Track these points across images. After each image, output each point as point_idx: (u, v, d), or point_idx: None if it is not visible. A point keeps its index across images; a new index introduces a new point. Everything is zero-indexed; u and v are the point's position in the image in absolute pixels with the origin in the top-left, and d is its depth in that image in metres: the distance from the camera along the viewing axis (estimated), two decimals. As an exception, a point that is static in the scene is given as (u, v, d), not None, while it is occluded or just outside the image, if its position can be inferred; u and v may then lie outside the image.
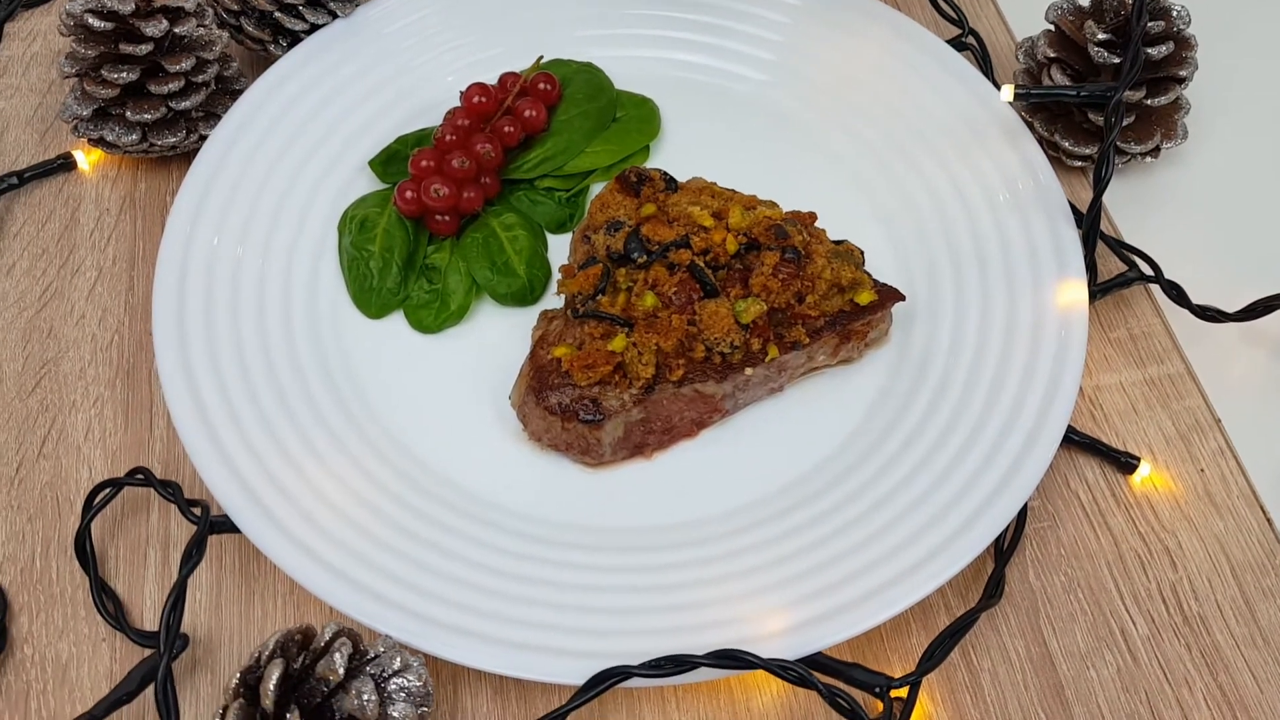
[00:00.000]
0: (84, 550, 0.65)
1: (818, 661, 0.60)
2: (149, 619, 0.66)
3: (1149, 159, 0.81)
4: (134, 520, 0.69)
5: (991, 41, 0.91)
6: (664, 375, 0.67)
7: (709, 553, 0.64)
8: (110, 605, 0.65)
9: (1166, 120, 0.81)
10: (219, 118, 0.80)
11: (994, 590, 0.64)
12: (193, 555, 0.61)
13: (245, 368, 0.69)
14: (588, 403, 0.66)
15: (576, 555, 0.64)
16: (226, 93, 0.82)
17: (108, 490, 0.65)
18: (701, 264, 0.68)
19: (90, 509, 0.65)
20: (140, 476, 0.65)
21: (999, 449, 0.66)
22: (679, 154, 0.82)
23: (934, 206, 0.78)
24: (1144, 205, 0.82)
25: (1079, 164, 0.82)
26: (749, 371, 0.68)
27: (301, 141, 0.79)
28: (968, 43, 0.86)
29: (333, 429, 0.68)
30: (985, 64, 0.85)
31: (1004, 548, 0.66)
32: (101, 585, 0.65)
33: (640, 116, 0.82)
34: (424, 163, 0.76)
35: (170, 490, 0.64)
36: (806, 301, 0.69)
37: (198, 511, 0.63)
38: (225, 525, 0.64)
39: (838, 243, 0.72)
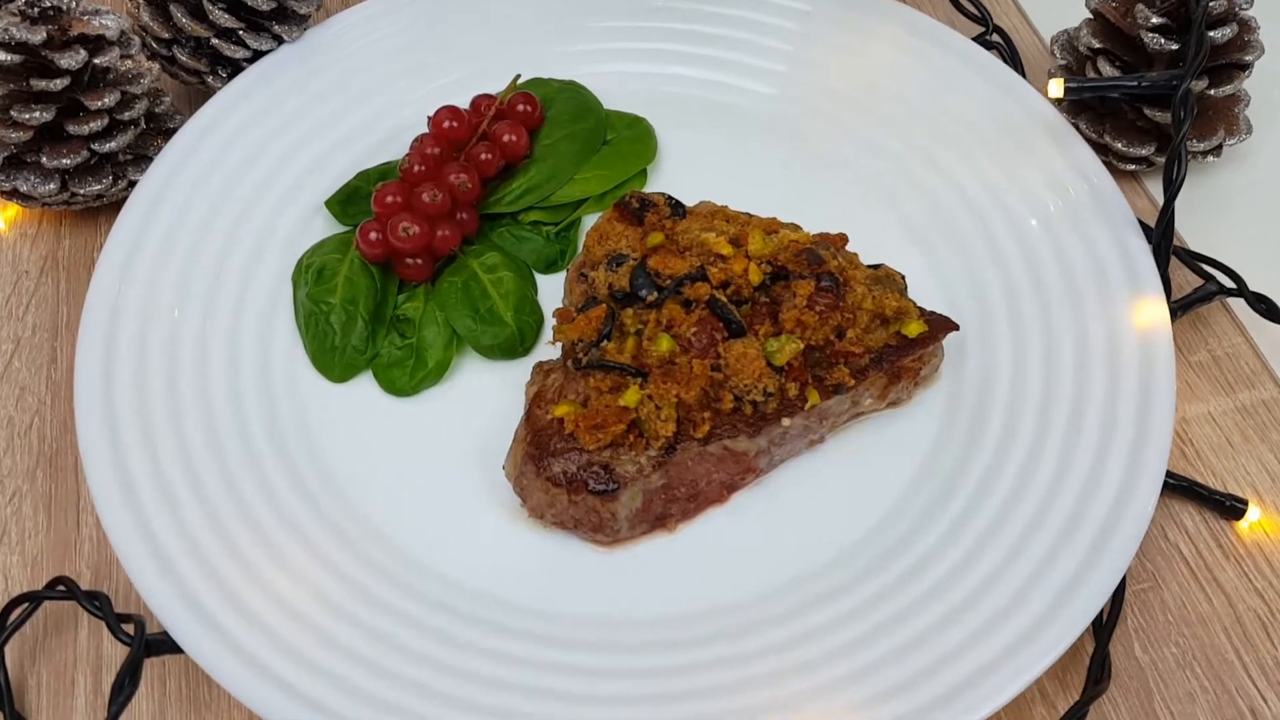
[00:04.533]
0: (-4, 680, 0.56)
1: (899, 778, 0.50)
2: (77, 763, 0.56)
3: (1210, 158, 0.73)
4: (59, 640, 0.61)
5: (1015, 39, 0.82)
6: (687, 432, 0.59)
7: (751, 647, 0.56)
8: (29, 747, 0.55)
9: (1227, 114, 0.73)
10: (150, 160, 0.73)
11: (1099, 674, 0.55)
12: (125, 686, 0.54)
13: (186, 451, 0.62)
14: (598, 470, 0.58)
15: (591, 658, 0.57)
16: (159, 132, 0.76)
17: (25, 606, 0.58)
18: (723, 298, 0.60)
19: (4, 629, 0.57)
20: (62, 588, 0.58)
21: (1087, 505, 0.58)
22: (679, 177, 0.75)
23: (975, 222, 0.70)
24: (1209, 210, 0.74)
25: (1131, 167, 0.74)
26: (786, 422, 0.59)
27: (246, 183, 0.73)
28: (993, 40, 0.79)
29: (293, 520, 0.60)
30: (1015, 62, 0.77)
31: (1103, 621, 0.56)
32: (18, 722, 0.56)
33: (633, 137, 0.76)
34: (389, 198, 0.70)
35: (98, 604, 0.57)
36: (847, 336, 0.60)
37: (130, 630, 0.55)
38: (166, 644, 0.56)
39: (873, 267, 0.63)
